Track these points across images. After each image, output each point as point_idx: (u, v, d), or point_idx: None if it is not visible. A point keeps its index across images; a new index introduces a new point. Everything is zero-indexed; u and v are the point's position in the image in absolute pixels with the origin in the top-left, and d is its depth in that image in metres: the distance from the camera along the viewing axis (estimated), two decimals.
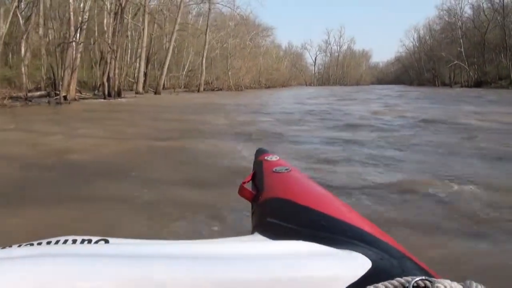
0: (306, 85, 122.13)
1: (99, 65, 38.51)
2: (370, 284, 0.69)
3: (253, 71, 73.06)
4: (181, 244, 0.85)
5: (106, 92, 32.28)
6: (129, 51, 48.40)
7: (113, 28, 32.96)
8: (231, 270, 0.74)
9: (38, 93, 29.09)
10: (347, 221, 0.98)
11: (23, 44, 31.29)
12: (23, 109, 22.05)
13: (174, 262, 0.74)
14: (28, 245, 0.82)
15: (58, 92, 27.64)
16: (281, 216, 1.08)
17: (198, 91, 52.68)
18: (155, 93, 43.32)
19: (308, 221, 1.00)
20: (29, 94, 26.82)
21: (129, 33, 44.53)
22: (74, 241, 0.85)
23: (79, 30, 29.92)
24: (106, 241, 0.85)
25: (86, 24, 31.00)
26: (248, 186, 1.43)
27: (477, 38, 71.54)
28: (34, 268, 0.69)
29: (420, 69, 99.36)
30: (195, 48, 58.59)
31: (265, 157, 1.56)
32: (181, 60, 58.17)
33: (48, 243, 0.83)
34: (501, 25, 65.73)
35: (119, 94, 33.76)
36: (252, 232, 1.11)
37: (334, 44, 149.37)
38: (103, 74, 33.46)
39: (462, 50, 72.13)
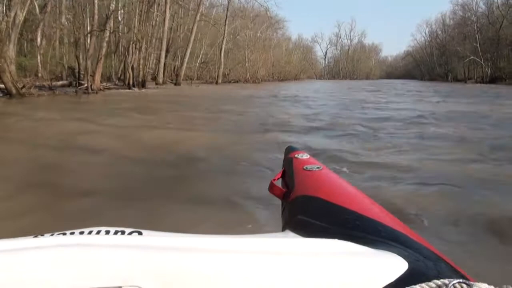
0: (316, 78, 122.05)
1: (114, 55, 37.92)
2: (406, 286, 0.69)
3: (267, 64, 72.73)
4: (213, 239, 0.84)
5: (131, 83, 31.46)
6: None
7: (139, 18, 32.13)
8: (267, 266, 0.75)
9: (60, 82, 28.59)
10: (380, 221, 0.97)
11: (39, 33, 30.62)
12: (54, 99, 21.47)
13: (208, 256, 0.75)
14: (61, 235, 0.83)
15: (82, 82, 26.96)
16: (313, 214, 1.06)
17: (216, 83, 52.04)
18: (175, 84, 42.56)
19: (341, 220, 0.99)
20: (52, 83, 26.41)
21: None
22: (107, 232, 0.84)
23: (108, 19, 29.14)
24: (140, 233, 0.85)
25: (113, 13, 30.15)
26: (278, 184, 1.39)
27: (491, 34, 71.17)
28: (65, 258, 0.71)
29: (431, 64, 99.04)
30: (208, 40, 57.94)
31: (295, 155, 1.53)
32: (194, 52, 57.52)
33: (81, 233, 0.83)
34: None
35: (143, 85, 33.03)
36: (283, 230, 1.09)
37: (345, 37, 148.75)
38: (125, 64, 32.74)
39: (478, 45, 71.60)
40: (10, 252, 0.73)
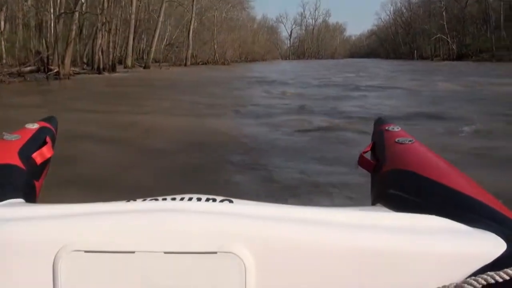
0: (282, 59, 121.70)
1: (79, 38, 36.57)
2: (506, 267, 0.68)
3: (235, 45, 72.09)
4: (305, 209, 0.85)
5: (101, 67, 30.32)
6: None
7: None
8: (362, 239, 0.75)
9: (29, 68, 27.18)
10: (477, 198, 0.94)
11: (2, 17, 29.20)
12: (27, 86, 20.74)
13: (301, 226, 0.76)
14: (153, 200, 0.87)
15: (50, 67, 25.74)
16: (406, 188, 1.05)
17: (185, 65, 51.03)
18: (144, 67, 41.41)
19: (436, 195, 0.97)
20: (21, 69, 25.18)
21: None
22: (199, 199, 0.87)
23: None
24: (230, 201, 0.87)
25: None
26: (367, 157, 1.36)
27: (457, 11, 72.02)
28: (162, 222, 0.74)
29: (396, 43, 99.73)
30: (172, 21, 56.71)
31: (386, 127, 1.46)
32: (159, 33, 56.20)
33: (173, 199, 0.87)
34: None
35: (113, 69, 31.95)
36: (373, 203, 1.09)
37: (310, 17, 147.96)
38: (92, 47, 31.58)
39: (445, 23, 72.23)
40: (106, 214, 0.77)
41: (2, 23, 29.36)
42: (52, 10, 27.98)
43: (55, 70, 25.31)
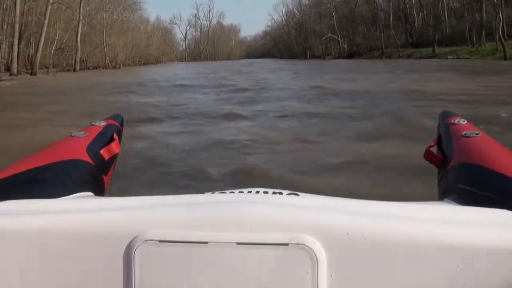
0: (177, 61, 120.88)
1: None
2: None
3: (127, 48, 70.51)
4: (374, 203, 0.85)
5: None
6: None
7: None
8: (431, 233, 0.73)
9: None
10: None
11: None
12: None
13: (370, 219, 0.76)
14: (222, 193, 0.91)
15: None
16: (475, 182, 1.04)
17: (74, 70, 49.25)
18: (31, 74, 39.43)
19: (505, 189, 0.97)
20: None
21: None
22: (266, 193, 0.91)
23: None
24: (296, 194, 0.90)
25: None
26: (433, 151, 1.37)
27: (347, 12, 74.95)
28: (235, 214, 0.75)
29: (290, 43, 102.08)
30: (62, 24, 54.55)
31: (452, 120, 1.45)
32: (48, 37, 53.85)
33: (241, 192, 0.92)
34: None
35: None
36: (441, 199, 1.07)
37: (204, 18, 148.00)
38: None
39: (335, 23, 74.79)
40: (179, 206, 0.80)
41: None
42: None
43: None
